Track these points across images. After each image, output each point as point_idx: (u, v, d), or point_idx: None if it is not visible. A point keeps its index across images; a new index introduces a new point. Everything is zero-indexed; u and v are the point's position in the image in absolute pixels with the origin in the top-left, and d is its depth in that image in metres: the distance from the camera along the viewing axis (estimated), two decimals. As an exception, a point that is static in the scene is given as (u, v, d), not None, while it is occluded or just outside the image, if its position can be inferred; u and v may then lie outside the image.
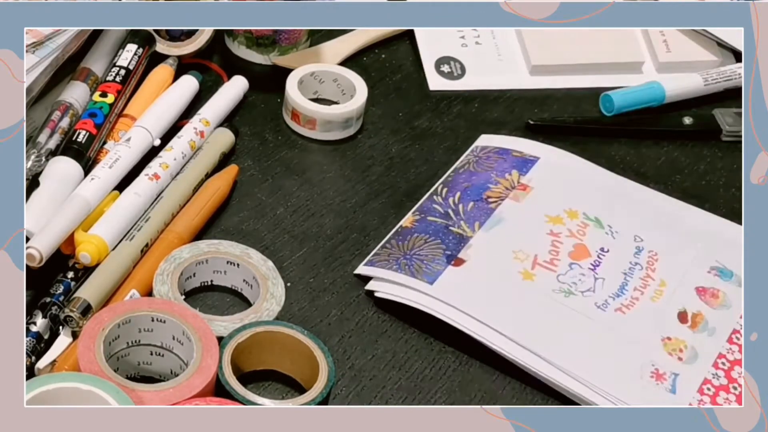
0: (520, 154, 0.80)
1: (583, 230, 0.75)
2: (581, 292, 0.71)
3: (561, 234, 0.75)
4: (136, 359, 0.65)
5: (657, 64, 0.91)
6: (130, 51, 0.79)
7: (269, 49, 0.86)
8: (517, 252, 0.73)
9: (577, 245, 0.74)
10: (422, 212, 0.75)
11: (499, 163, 0.79)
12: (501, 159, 0.79)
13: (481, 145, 0.82)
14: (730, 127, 0.86)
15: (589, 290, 0.71)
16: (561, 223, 0.75)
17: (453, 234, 0.73)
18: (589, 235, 0.75)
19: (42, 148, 0.73)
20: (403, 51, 0.90)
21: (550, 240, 0.74)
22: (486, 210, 0.75)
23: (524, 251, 0.73)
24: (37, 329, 0.65)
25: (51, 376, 0.59)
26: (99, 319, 0.63)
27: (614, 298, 0.71)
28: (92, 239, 0.68)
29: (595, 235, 0.75)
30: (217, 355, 0.63)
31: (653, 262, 0.74)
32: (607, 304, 0.71)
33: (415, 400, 0.67)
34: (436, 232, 0.74)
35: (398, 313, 0.71)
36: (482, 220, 0.74)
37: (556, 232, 0.75)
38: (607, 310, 0.70)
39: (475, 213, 0.75)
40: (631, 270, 0.73)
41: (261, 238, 0.74)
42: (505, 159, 0.80)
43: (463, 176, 0.78)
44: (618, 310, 0.70)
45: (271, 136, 0.82)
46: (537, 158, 0.80)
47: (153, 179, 0.73)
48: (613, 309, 0.70)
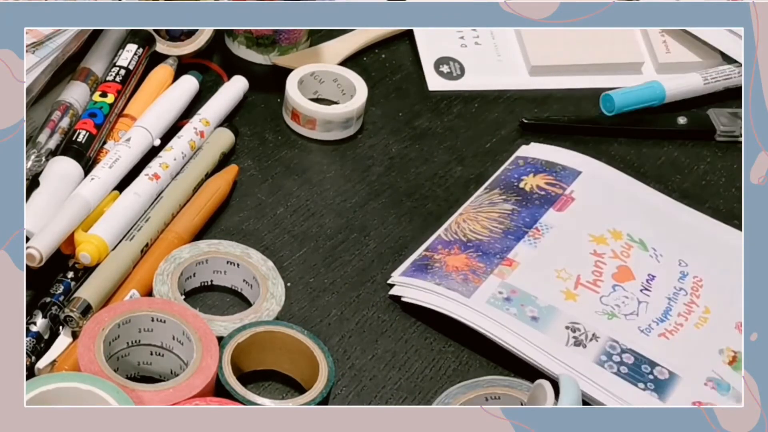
0: (562, 167, 0.80)
1: (627, 252, 0.74)
2: (624, 315, 0.71)
3: (605, 255, 0.74)
4: (136, 359, 0.65)
5: (656, 65, 0.91)
6: (130, 51, 0.79)
7: (269, 49, 0.86)
8: (560, 271, 0.73)
9: (621, 267, 0.74)
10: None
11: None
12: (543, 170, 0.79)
13: (523, 156, 0.81)
14: (724, 127, 0.86)
15: (633, 313, 0.71)
16: (605, 243, 0.75)
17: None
18: (633, 257, 0.74)
19: (42, 148, 0.73)
20: (403, 51, 0.90)
21: (594, 260, 0.73)
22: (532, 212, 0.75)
23: (567, 270, 0.73)
24: (37, 329, 0.65)
25: (51, 376, 0.59)
26: (99, 319, 0.63)
27: (658, 323, 0.70)
28: (92, 239, 0.68)
29: (639, 257, 0.74)
30: (217, 355, 0.63)
31: (698, 288, 0.73)
32: (651, 329, 0.70)
33: (415, 400, 0.67)
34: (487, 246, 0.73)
35: (398, 313, 0.71)
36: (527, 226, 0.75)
37: (600, 253, 0.74)
38: (651, 334, 0.70)
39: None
40: (676, 295, 0.72)
41: (261, 238, 0.74)
42: (547, 170, 0.79)
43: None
44: (662, 336, 0.70)
45: (271, 136, 0.82)
46: (580, 171, 0.79)
47: (153, 179, 0.73)
48: (656, 334, 0.70)
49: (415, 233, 0.76)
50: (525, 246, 0.74)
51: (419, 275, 0.71)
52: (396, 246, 0.75)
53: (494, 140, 0.84)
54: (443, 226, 0.76)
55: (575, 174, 0.79)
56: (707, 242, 0.77)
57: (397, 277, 0.72)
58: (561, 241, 0.75)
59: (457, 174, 0.81)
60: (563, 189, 0.78)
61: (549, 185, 0.78)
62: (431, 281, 0.71)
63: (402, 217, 0.77)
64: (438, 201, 0.79)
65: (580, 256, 0.74)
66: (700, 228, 0.78)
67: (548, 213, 0.76)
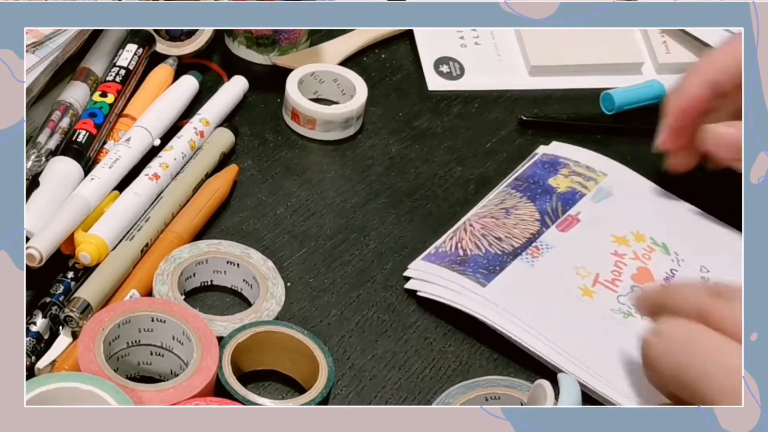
0: (587, 168, 0.80)
1: (648, 254, 0.74)
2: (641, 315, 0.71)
3: (626, 255, 0.74)
4: (136, 359, 0.65)
5: (656, 65, 0.91)
6: (130, 51, 0.79)
7: (269, 49, 0.86)
8: (579, 268, 0.73)
9: (641, 268, 0.73)
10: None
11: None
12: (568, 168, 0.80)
13: (548, 153, 0.81)
14: None
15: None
16: (627, 244, 0.75)
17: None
18: (655, 260, 0.74)
19: (42, 148, 0.73)
20: (403, 51, 0.90)
21: (614, 260, 0.73)
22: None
23: (586, 268, 0.73)
24: (37, 329, 0.65)
25: (51, 376, 0.59)
26: (99, 319, 0.63)
27: None
28: (92, 239, 0.68)
29: (660, 260, 0.74)
30: (217, 355, 0.63)
31: None
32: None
33: (415, 400, 0.67)
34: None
35: (398, 313, 0.71)
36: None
37: (621, 253, 0.74)
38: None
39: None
40: None
41: (261, 238, 0.74)
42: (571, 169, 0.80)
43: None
44: None
45: (271, 136, 0.82)
46: (606, 174, 0.80)
47: (153, 179, 0.73)
48: None
49: (415, 233, 0.76)
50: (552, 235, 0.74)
51: (438, 260, 0.72)
52: (396, 246, 0.75)
53: (494, 140, 0.84)
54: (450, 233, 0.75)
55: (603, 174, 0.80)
56: (730, 251, 0.76)
57: (415, 264, 0.73)
58: (584, 239, 0.75)
59: (457, 174, 0.81)
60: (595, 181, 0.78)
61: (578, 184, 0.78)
62: (447, 265, 0.71)
63: (402, 217, 0.77)
64: (438, 201, 0.79)
65: (601, 255, 0.74)
66: (725, 237, 0.77)
67: (582, 201, 0.76)
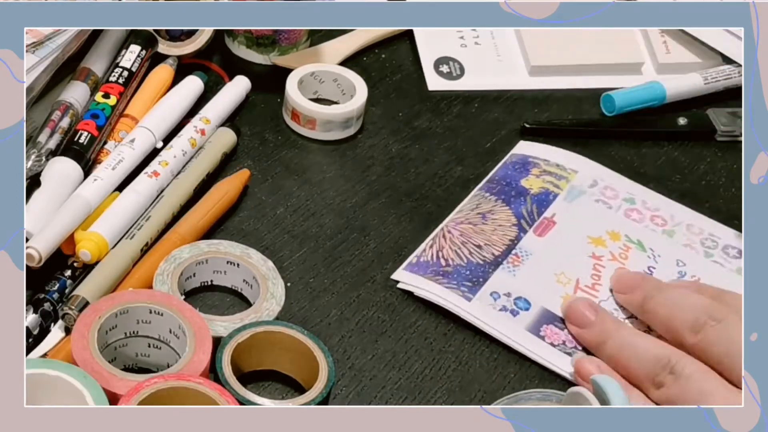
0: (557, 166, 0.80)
1: (625, 253, 0.74)
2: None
3: (603, 257, 0.74)
4: (133, 350, 0.66)
5: (657, 65, 0.91)
6: (134, 52, 0.79)
7: (269, 49, 0.86)
8: (559, 275, 0.73)
9: (619, 270, 0.73)
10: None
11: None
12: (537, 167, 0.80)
13: (517, 153, 0.81)
14: (724, 126, 0.86)
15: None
16: (603, 245, 0.75)
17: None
18: (632, 259, 0.74)
19: (42, 148, 0.73)
20: (403, 51, 0.90)
21: (592, 263, 0.73)
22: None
23: (566, 274, 0.73)
24: (26, 324, 0.65)
25: None
26: (97, 307, 0.64)
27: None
28: (92, 236, 0.68)
29: (638, 258, 0.74)
30: (210, 350, 0.63)
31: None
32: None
33: (415, 400, 0.67)
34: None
35: (398, 313, 0.71)
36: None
37: (598, 255, 0.74)
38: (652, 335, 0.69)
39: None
40: None
41: (261, 238, 0.74)
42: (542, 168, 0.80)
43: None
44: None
45: (272, 136, 0.82)
46: (576, 171, 0.80)
47: (152, 176, 0.73)
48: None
49: (415, 233, 0.76)
50: (530, 240, 0.74)
51: (421, 271, 0.72)
52: (396, 246, 0.75)
53: (494, 140, 0.84)
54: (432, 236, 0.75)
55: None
56: (699, 238, 0.77)
57: (400, 273, 0.73)
58: (561, 243, 0.75)
59: (457, 174, 0.81)
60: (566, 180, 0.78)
61: (550, 184, 0.78)
62: (431, 277, 0.71)
63: (402, 217, 0.77)
64: (438, 201, 0.79)
65: (579, 260, 0.74)
66: (697, 227, 0.78)
67: (556, 202, 0.76)
